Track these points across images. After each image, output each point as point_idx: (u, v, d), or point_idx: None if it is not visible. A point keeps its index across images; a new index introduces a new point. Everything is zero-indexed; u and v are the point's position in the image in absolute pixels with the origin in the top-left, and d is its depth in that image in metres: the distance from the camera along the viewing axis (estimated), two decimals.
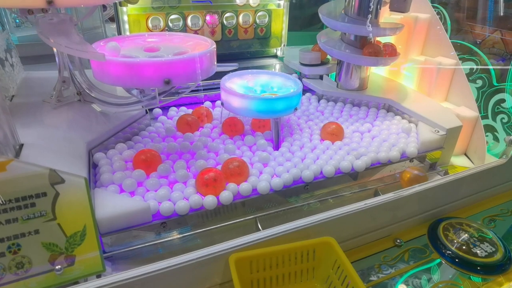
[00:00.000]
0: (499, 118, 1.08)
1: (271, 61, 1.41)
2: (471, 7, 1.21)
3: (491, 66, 1.10)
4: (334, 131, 0.93)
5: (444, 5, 1.28)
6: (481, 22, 1.21)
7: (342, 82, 1.16)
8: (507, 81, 1.05)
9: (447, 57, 1.12)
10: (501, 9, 1.18)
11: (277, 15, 1.33)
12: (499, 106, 1.07)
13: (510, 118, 1.05)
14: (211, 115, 1.01)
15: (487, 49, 1.24)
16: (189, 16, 1.20)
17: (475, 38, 1.26)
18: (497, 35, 1.17)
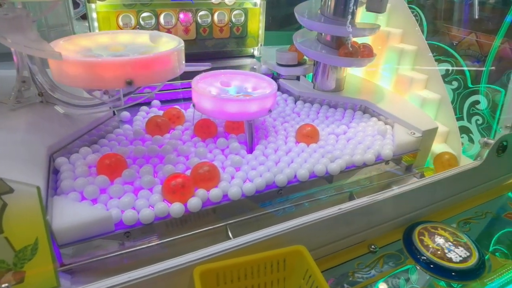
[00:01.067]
0: (474, 119, 1.08)
1: (248, 60, 1.38)
2: (448, 10, 1.21)
3: (465, 68, 1.10)
4: (309, 133, 0.90)
5: (421, 7, 1.28)
6: (457, 24, 1.22)
7: (318, 83, 1.14)
8: (481, 83, 1.05)
9: (424, 57, 1.11)
10: (476, 12, 1.19)
11: (254, 14, 1.30)
12: (474, 108, 1.07)
13: (484, 119, 1.05)
14: (183, 117, 0.97)
15: (463, 51, 1.25)
16: (162, 14, 1.16)
17: (452, 40, 1.27)
18: (473, 37, 1.18)
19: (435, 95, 1.05)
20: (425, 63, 1.11)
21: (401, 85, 1.14)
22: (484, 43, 1.12)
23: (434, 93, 1.06)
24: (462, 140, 1.12)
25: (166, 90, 1.13)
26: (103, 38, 0.79)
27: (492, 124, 1.03)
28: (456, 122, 1.03)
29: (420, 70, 1.12)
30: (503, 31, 1.02)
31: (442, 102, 1.06)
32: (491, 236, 0.79)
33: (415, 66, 1.13)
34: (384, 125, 0.99)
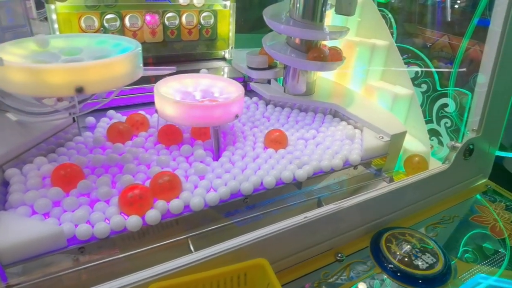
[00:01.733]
0: (443, 122, 1.08)
1: (219, 63, 1.35)
2: (421, 12, 1.22)
3: (433, 69, 1.11)
4: (278, 138, 0.88)
5: (393, 9, 1.28)
6: (430, 27, 1.22)
7: (289, 87, 1.12)
8: (449, 86, 1.05)
9: (394, 60, 1.11)
10: (448, 15, 1.20)
11: (223, 16, 1.27)
12: (442, 110, 1.08)
13: (453, 122, 1.05)
14: (147, 123, 0.93)
15: (436, 52, 1.25)
16: (127, 15, 1.12)
17: (425, 42, 1.27)
18: (445, 39, 1.19)
19: (406, 91, 1.06)
20: (395, 66, 1.11)
21: (371, 87, 1.14)
22: (456, 45, 1.13)
23: (405, 89, 1.07)
24: (432, 143, 1.12)
25: (132, 95, 1.09)
26: (58, 42, 0.74)
27: (460, 127, 1.04)
28: (425, 125, 1.04)
29: (390, 73, 1.12)
30: (470, 33, 1.03)
31: (412, 103, 1.06)
32: (459, 240, 0.78)
33: (386, 65, 1.13)
34: (353, 129, 0.98)
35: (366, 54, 1.13)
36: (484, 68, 0.95)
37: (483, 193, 0.97)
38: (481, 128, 0.93)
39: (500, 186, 0.99)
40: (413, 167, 0.97)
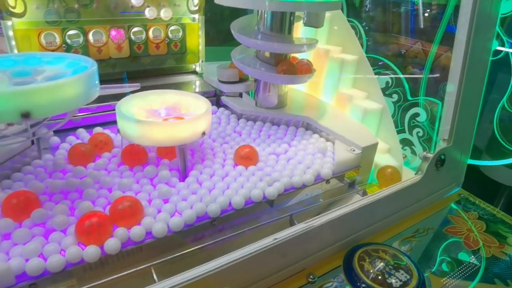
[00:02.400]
0: (415, 132, 1.08)
1: (190, 77, 1.32)
2: (396, 20, 1.22)
3: (401, 75, 1.11)
4: (248, 154, 0.86)
5: (371, 18, 1.29)
6: (404, 34, 1.23)
7: (260, 100, 1.10)
8: (420, 95, 1.05)
9: (365, 71, 1.11)
10: (421, 23, 1.21)
11: (192, 29, 1.25)
12: (414, 120, 1.08)
13: (425, 132, 1.05)
14: (112, 142, 0.89)
15: (411, 59, 1.26)
16: (91, 31, 1.08)
17: (398, 49, 1.28)
18: (419, 46, 1.20)
19: (377, 105, 1.05)
20: (365, 77, 1.11)
21: (342, 101, 1.13)
22: (429, 51, 1.15)
23: (376, 104, 1.06)
24: (405, 153, 1.12)
25: (99, 112, 1.05)
26: (7, 62, 0.70)
27: (432, 136, 1.04)
28: (397, 135, 1.03)
29: (361, 84, 1.12)
30: (438, 40, 1.03)
31: (384, 115, 1.06)
32: (433, 253, 0.77)
33: (356, 76, 1.13)
34: (325, 142, 0.97)
35: (337, 65, 1.13)
36: (452, 77, 0.95)
37: (456, 203, 0.96)
38: (451, 137, 0.92)
39: (473, 194, 0.99)
40: (386, 179, 0.96)
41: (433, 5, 1.20)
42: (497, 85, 0.92)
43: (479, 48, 0.88)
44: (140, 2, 1.14)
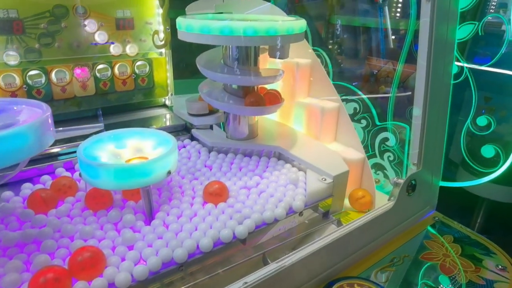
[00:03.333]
0: (386, 156, 1.09)
1: (160, 111, 1.30)
2: (367, 41, 1.25)
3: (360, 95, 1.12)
4: (217, 191, 0.83)
5: (342, 41, 1.31)
6: (376, 55, 1.26)
7: (231, 132, 1.09)
8: (387, 120, 1.06)
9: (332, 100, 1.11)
10: (391, 43, 1.24)
11: (159, 64, 1.24)
12: (384, 144, 1.08)
13: (395, 156, 1.06)
14: (76, 185, 0.86)
15: (383, 79, 1.28)
16: (53, 71, 1.06)
17: (372, 69, 1.30)
18: (390, 65, 1.22)
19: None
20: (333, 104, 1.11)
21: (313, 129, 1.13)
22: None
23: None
24: (378, 177, 1.12)
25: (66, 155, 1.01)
26: None
27: (403, 160, 1.04)
28: (368, 160, 1.03)
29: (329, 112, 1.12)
30: (403, 59, 1.05)
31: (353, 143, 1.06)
32: (411, 283, 0.76)
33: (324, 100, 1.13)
34: (296, 172, 0.96)
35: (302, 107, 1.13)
36: (417, 101, 0.97)
37: (431, 226, 0.96)
38: (420, 162, 0.93)
39: (448, 214, 0.99)
40: (359, 202, 0.97)
41: (400, 29, 1.24)
42: (461, 107, 0.93)
43: (440, 72, 0.91)
44: (104, 39, 1.12)
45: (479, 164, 0.91)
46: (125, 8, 1.14)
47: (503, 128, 0.93)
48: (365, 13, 1.35)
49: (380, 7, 1.29)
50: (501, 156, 0.88)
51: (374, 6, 1.31)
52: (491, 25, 1.28)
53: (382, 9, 1.29)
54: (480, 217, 1.84)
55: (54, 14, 1.04)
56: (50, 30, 1.04)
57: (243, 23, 0.86)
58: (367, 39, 1.34)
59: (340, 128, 1.10)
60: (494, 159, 0.89)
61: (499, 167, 0.89)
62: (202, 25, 0.86)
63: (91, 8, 1.09)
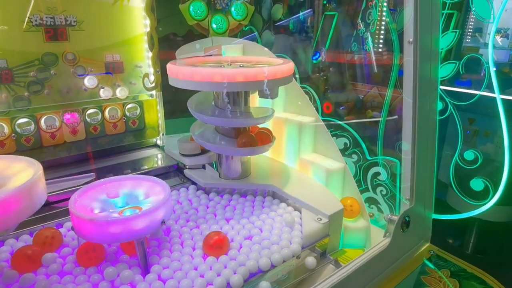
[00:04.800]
0: (378, 190, 1.09)
1: (151, 151, 1.30)
2: (351, 68, 1.28)
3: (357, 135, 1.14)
4: (218, 243, 0.81)
5: (327, 67, 1.34)
6: (361, 80, 1.28)
7: (224, 171, 1.09)
8: (378, 155, 1.08)
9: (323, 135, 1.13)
10: (375, 68, 1.27)
11: (150, 105, 1.25)
12: (376, 179, 1.09)
13: (388, 190, 1.07)
14: (60, 236, 0.83)
15: (369, 103, 1.31)
16: (42, 118, 1.05)
17: (358, 94, 1.33)
18: (375, 90, 1.25)
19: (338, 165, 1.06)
20: (324, 140, 1.12)
21: (305, 162, 1.13)
22: (385, 94, 1.20)
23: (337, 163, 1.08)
24: (372, 211, 1.13)
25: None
26: None
27: (395, 193, 1.05)
28: (361, 194, 1.04)
29: (321, 146, 1.13)
30: (391, 86, 1.07)
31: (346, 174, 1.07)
32: None
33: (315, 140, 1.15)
34: (292, 212, 0.96)
35: (295, 131, 1.14)
36: (405, 136, 0.99)
37: (427, 260, 0.96)
38: (413, 197, 0.94)
39: (443, 250, 0.99)
40: (348, 211, 0.99)
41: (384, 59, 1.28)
42: (448, 142, 0.95)
43: (426, 109, 0.93)
44: (94, 84, 1.13)
45: (470, 197, 0.92)
46: (114, 53, 1.15)
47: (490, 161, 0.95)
48: (348, 46, 1.38)
49: (363, 37, 1.32)
50: (490, 188, 0.90)
51: (358, 38, 1.35)
52: (470, 50, 1.34)
53: (365, 39, 1.33)
54: (473, 237, 1.85)
55: (44, 62, 1.04)
56: (39, 78, 1.05)
57: (233, 70, 0.87)
58: (351, 71, 1.37)
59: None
60: (483, 192, 0.90)
61: (489, 200, 0.90)
62: (192, 72, 0.88)
63: (80, 54, 1.10)
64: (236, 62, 1.06)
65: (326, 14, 1.48)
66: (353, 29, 1.34)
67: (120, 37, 1.16)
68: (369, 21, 1.28)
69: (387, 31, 1.28)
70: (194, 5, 1.21)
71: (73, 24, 1.07)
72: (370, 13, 1.25)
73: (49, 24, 1.03)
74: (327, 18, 1.47)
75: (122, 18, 1.15)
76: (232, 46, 1.23)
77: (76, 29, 1.08)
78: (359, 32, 1.30)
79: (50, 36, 1.04)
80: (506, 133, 0.93)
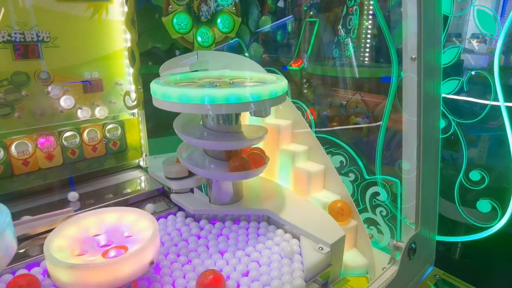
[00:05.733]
0: (378, 211, 1.04)
1: (134, 173, 1.21)
2: (333, 76, 1.25)
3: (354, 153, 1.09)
4: (213, 282, 0.73)
5: (315, 89, 1.29)
6: (343, 87, 1.24)
7: (214, 196, 1.01)
8: (376, 174, 1.03)
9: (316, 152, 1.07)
10: (357, 74, 1.23)
11: (132, 125, 1.17)
12: (375, 199, 1.04)
13: (388, 211, 1.02)
14: (37, 283, 0.73)
15: (352, 109, 1.26)
16: (13, 144, 0.96)
17: (341, 101, 1.28)
18: (358, 96, 1.21)
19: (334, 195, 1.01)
20: (319, 158, 1.07)
21: (300, 184, 1.07)
22: (369, 101, 1.21)
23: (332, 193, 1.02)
24: (372, 232, 1.07)
25: None
26: None
27: (396, 214, 1.00)
28: (359, 214, 0.98)
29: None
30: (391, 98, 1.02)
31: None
32: None
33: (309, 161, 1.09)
34: (290, 241, 0.89)
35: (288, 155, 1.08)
36: (407, 155, 0.94)
37: (434, 286, 0.91)
38: (418, 221, 0.89)
39: (448, 273, 0.95)
40: (337, 213, 0.95)
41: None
42: (452, 162, 0.91)
43: (429, 127, 0.89)
44: (71, 105, 1.04)
45: (477, 219, 0.88)
46: (92, 70, 1.07)
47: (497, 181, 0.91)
48: (330, 52, 1.34)
49: (344, 42, 1.28)
50: (498, 210, 0.86)
51: (339, 44, 1.30)
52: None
53: (347, 45, 1.28)
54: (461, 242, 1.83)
55: (13, 82, 0.95)
56: (9, 100, 0.95)
57: (225, 90, 0.80)
58: (333, 77, 1.33)
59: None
60: (491, 213, 0.86)
61: (498, 221, 0.86)
62: (180, 93, 0.80)
63: (55, 72, 1.01)
64: (225, 79, 1.00)
65: (307, 20, 1.44)
66: (334, 36, 1.30)
67: (98, 53, 1.07)
68: (350, 27, 1.25)
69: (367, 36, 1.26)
70: (178, 17, 1.14)
71: (46, 40, 0.98)
72: (351, 19, 1.22)
73: (19, 40, 0.94)
74: (308, 25, 1.43)
75: (100, 32, 1.07)
76: (219, 60, 1.16)
77: (49, 45, 0.99)
78: (340, 38, 1.26)
79: (20, 54, 0.95)
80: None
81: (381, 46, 1.26)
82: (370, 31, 1.31)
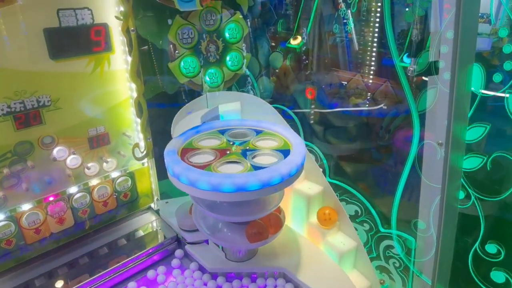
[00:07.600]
0: (391, 262, 1.06)
1: (145, 218, 1.19)
2: (334, 54, 1.21)
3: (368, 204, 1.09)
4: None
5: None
6: (343, 67, 1.22)
7: (229, 252, 1.02)
8: (391, 229, 1.03)
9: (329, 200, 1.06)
10: (356, 45, 1.19)
11: (142, 174, 1.13)
12: (389, 251, 1.05)
13: (401, 263, 1.04)
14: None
15: (352, 90, 1.25)
16: (24, 216, 0.93)
17: (341, 81, 1.26)
18: (359, 77, 1.19)
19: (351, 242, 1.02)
20: (332, 204, 1.06)
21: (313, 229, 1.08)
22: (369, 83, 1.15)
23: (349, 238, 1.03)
24: (384, 278, 1.10)
25: None
26: None
27: (409, 266, 1.02)
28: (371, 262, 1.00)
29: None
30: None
31: (358, 250, 1.02)
32: None
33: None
34: None
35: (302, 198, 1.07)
36: (423, 216, 0.95)
37: None
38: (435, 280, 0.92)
39: None
40: (325, 219, 1.01)
41: None
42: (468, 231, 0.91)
43: (451, 197, 0.88)
44: (77, 164, 1.00)
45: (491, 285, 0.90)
46: (97, 125, 1.01)
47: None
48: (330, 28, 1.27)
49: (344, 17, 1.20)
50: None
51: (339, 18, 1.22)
52: None
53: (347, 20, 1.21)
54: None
55: (17, 153, 0.90)
56: (14, 171, 0.91)
57: (244, 178, 0.77)
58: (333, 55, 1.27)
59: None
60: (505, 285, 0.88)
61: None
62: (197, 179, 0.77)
63: (59, 134, 0.95)
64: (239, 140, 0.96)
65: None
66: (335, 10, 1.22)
67: (103, 107, 1.01)
68: (350, 1, 1.19)
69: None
70: (185, 61, 1.06)
71: (47, 104, 0.91)
72: None
73: (19, 110, 0.87)
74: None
75: (103, 85, 1.00)
76: (230, 104, 1.11)
77: (51, 109, 0.92)
78: (340, 12, 1.20)
79: (22, 123, 0.89)
80: None
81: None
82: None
